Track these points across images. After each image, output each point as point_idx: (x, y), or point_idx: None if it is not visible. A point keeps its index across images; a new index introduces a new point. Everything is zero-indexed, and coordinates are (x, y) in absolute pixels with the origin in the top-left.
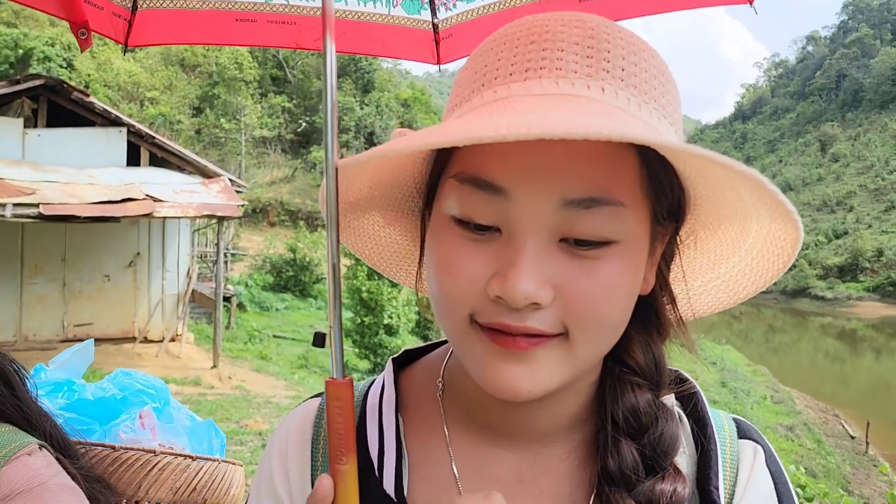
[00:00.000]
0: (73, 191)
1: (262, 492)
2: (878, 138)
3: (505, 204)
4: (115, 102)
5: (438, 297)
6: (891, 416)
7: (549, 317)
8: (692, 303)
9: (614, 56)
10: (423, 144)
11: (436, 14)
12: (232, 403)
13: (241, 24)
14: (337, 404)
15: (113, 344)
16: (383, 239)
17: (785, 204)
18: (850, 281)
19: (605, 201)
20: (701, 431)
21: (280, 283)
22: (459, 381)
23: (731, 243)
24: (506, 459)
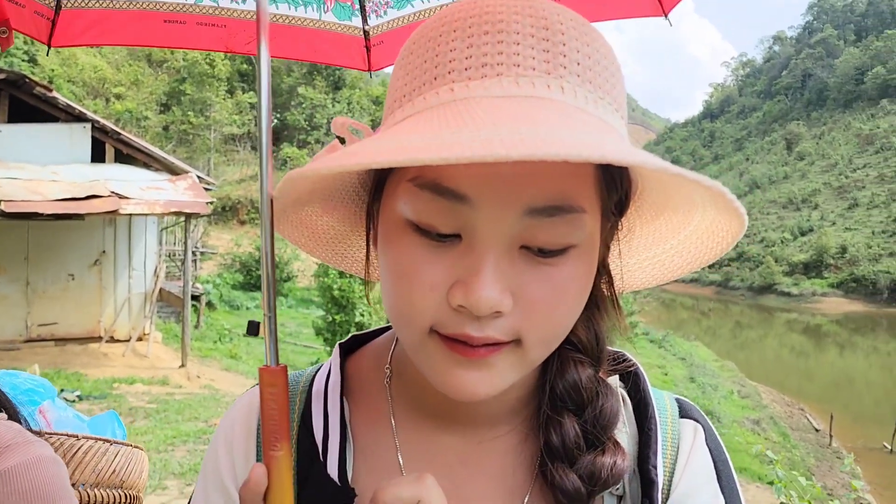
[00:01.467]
0: (36, 188)
1: (208, 480)
2: (842, 137)
3: (467, 211)
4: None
5: (396, 306)
6: (853, 410)
7: (505, 325)
8: (625, 278)
9: (570, 49)
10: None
11: (366, 21)
12: (200, 403)
13: (169, 25)
14: (271, 391)
15: (78, 344)
16: (321, 227)
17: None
18: (814, 277)
19: (568, 209)
20: (642, 411)
21: (250, 282)
22: (407, 368)
23: (673, 229)
24: (451, 443)
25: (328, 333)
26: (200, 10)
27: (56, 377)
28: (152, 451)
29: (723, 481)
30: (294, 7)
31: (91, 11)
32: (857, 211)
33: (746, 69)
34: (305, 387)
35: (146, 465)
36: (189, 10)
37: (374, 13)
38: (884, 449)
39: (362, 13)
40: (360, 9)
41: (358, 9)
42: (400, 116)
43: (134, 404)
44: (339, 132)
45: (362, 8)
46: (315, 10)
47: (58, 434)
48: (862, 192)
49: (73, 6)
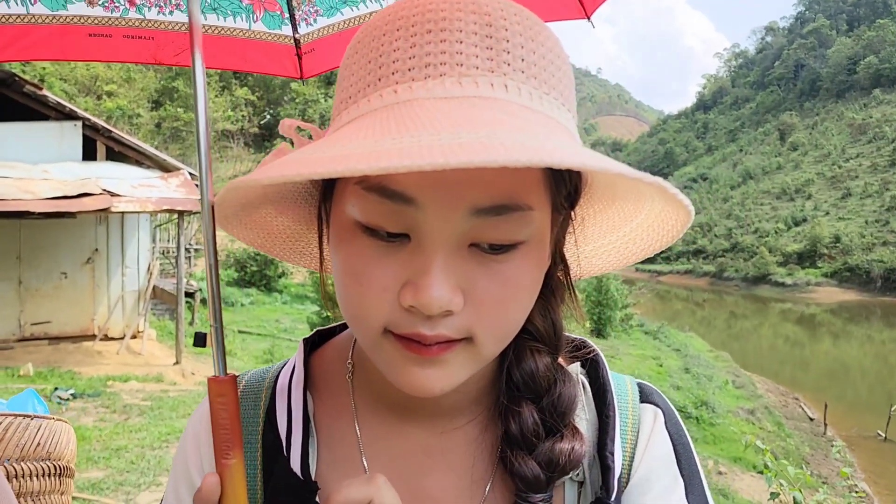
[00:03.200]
0: (27, 186)
1: (178, 475)
2: (835, 127)
3: (414, 213)
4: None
5: (350, 308)
6: (847, 399)
7: (457, 323)
8: (581, 265)
9: (513, 45)
10: (325, 172)
11: (297, 29)
12: (195, 399)
13: (95, 39)
14: (220, 400)
15: (72, 342)
16: (275, 227)
17: (683, 200)
18: (808, 267)
19: (515, 207)
20: (600, 398)
21: (244, 279)
22: (368, 361)
23: (624, 217)
24: (413, 435)
25: None
26: (126, 23)
27: (50, 376)
28: (147, 448)
29: (682, 464)
30: (223, 17)
31: (11, 27)
32: (851, 200)
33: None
34: (271, 383)
35: (72, 436)
36: (115, 24)
37: (304, 21)
38: (878, 437)
39: (292, 22)
40: (290, 17)
41: (287, 17)
42: (346, 119)
43: (128, 401)
44: (287, 134)
45: (292, 17)
46: (244, 20)
47: None
48: (855, 181)
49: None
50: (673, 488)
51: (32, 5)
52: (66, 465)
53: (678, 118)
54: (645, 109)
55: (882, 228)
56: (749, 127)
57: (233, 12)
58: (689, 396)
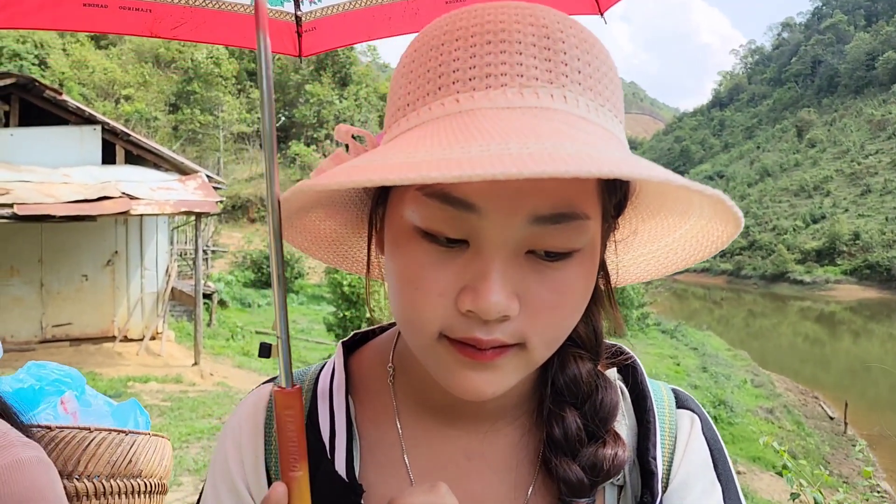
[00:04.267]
0: (48, 190)
1: (217, 479)
2: (854, 123)
3: (475, 219)
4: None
5: (406, 313)
6: (868, 397)
7: (512, 328)
8: (620, 273)
9: (570, 58)
10: (397, 178)
11: (299, 7)
12: (214, 400)
13: (89, 9)
14: (288, 413)
15: (93, 344)
16: (323, 231)
17: (738, 214)
18: (827, 265)
19: (573, 216)
20: (640, 404)
21: (261, 279)
22: (409, 365)
23: (668, 228)
24: (455, 438)
25: (339, 329)
26: None
27: None
28: None
29: (719, 469)
30: None
31: None
32: (870, 197)
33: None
34: (310, 386)
35: (168, 451)
36: None
37: None
38: None
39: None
40: None
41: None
42: (405, 126)
43: (148, 402)
44: (343, 139)
45: None
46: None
47: (69, 427)
48: (874, 178)
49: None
50: (710, 493)
51: None
52: (158, 482)
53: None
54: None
55: None
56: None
57: None
58: (708, 395)
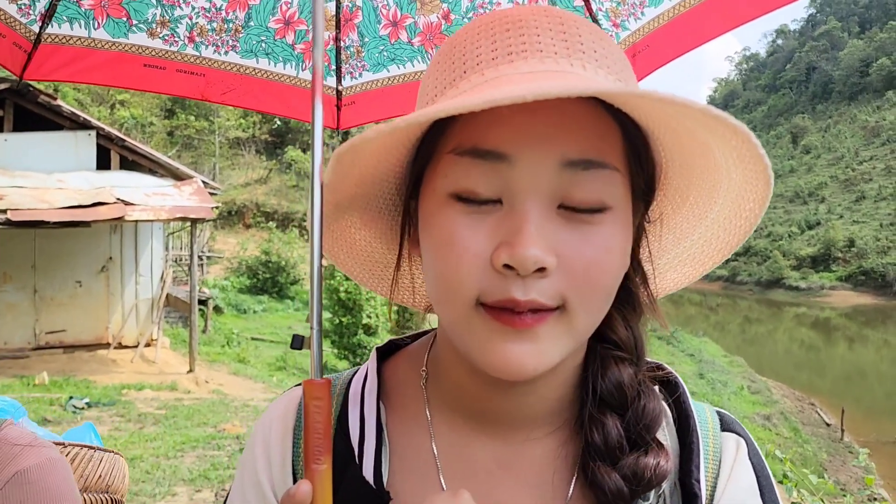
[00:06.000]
0: (43, 196)
1: (245, 479)
2: (848, 129)
3: (506, 171)
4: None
5: (441, 280)
6: (865, 403)
7: (549, 288)
8: (658, 281)
9: (586, 42)
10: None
11: (341, 81)
12: (209, 408)
13: (148, 70)
14: (316, 403)
15: (87, 350)
16: (358, 242)
17: (756, 145)
18: (822, 271)
19: (602, 164)
20: (683, 424)
21: (257, 285)
22: (443, 369)
23: (697, 215)
24: (488, 446)
25: (335, 336)
26: (182, 58)
27: (65, 384)
28: (161, 458)
29: (766, 497)
30: (274, 63)
31: (71, 49)
32: (865, 203)
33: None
34: (342, 390)
35: (126, 470)
36: (170, 57)
37: (350, 74)
38: None
39: (338, 74)
40: (336, 69)
41: (334, 69)
42: None
43: (143, 410)
44: None
45: (338, 69)
46: (293, 68)
47: None
48: (869, 184)
49: (53, 42)
50: None
51: (95, 30)
52: (119, 500)
53: None
54: None
55: None
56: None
57: (284, 59)
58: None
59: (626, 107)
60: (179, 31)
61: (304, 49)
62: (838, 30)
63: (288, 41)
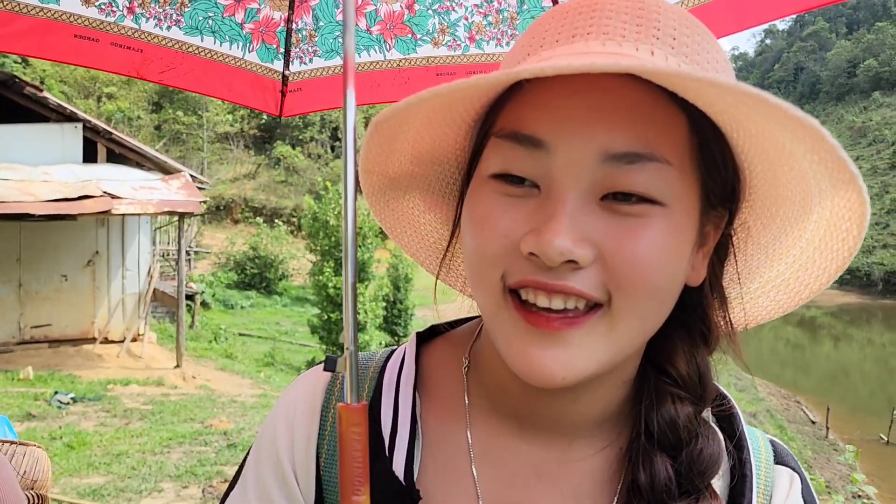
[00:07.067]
0: (28, 188)
1: (262, 456)
2: (835, 129)
3: (545, 158)
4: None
5: (471, 259)
6: (849, 402)
7: (589, 279)
8: (747, 308)
9: (665, 25)
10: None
11: (288, 66)
12: (196, 403)
13: (79, 41)
14: (356, 430)
15: (72, 345)
16: (423, 226)
17: (834, 147)
18: None
19: (650, 157)
20: (737, 453)
21: (244, 281)
22: (487, 360)
23: (790, 234)
24: (528, 452)
25: (323, 332)
26: (118, 31)
27: (50, 379)
28: (148, 454)
29: None
30: (220, 42)
31: None
32: None
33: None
34: (375, 374)
35: (48, 463)
36: (105, 28)
37: (299, 59)
38: (880, 440)
39: (286, 58)
40: (285, 53)
41: (282, 52)
42: None
43: (129, 406)
44: None
45: (287, 52)
46: (240, 49)
47: None
48: None
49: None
50: None
51: None
52: (44, 495)
53: None
54: None
55: (882, 231)
56: None
57: (231, 38)
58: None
59: (691, 96)
60: None
61: (253, 29)
62: (826, 30)
63: (237, 19)
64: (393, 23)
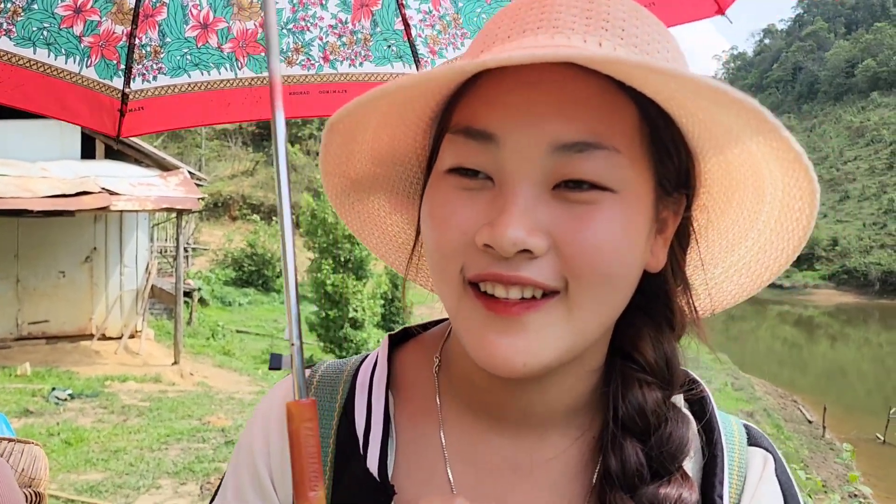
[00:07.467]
0: (26, 184)
1: (240, 462)
2: (833, 130)
3: (496, 152)
4: None
5: (431, 255)
6: (846, 401)
7: (545, 268)
8: (713, 294)
9: (614, 17)
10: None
11: (129, 83)
12: (194, 400)
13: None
14: (309, 426)
15: (70, 342)
16: (390, 227)
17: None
18: (806, 269)
19: (598, 145)
20: (707, 436)
21: (242, 278)
22: (457, 359)
23: (747, 217)
24: (501, 446)
25: (321, 329)
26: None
27: (48, 375)
28: (146, 450)
29: None
30: (55, 56)
31: None
32: (848, 203)
33: (737, 62)
34: (349, 377)
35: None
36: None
37: (141, 76)
38: (876, 440)
39: (126, 74)
40: (126, 70)
41: (122, 69)
42: None
43: (127, 402)
44: None
45: (128, 69)
46: (76, 63)
47: None
48: (853, 184)
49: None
50: None
51: None
52: (42, 493)
53: None
54: None
55: (880, 231)
56: None
57: (67, 52)
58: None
59: (637, 84)
60: None
61: (92, 43)
62: (825, 30)
63: (75, 32)
64: (246, 41)
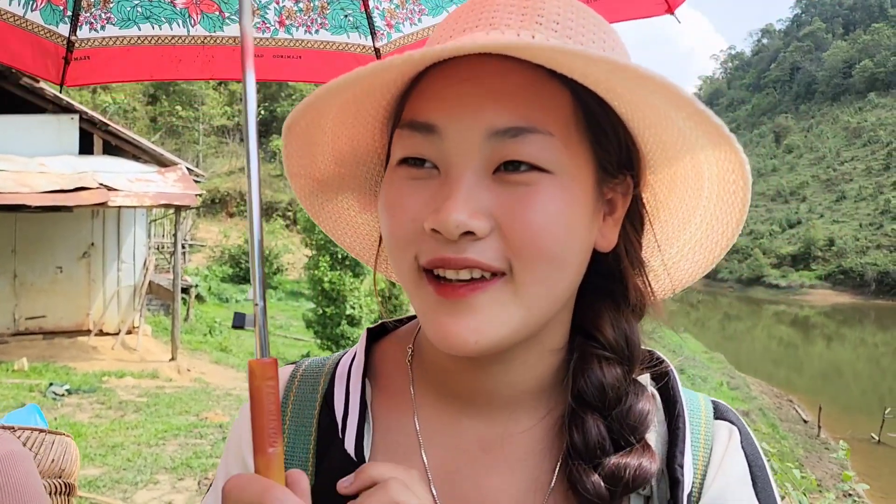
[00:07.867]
0: (24, 180)
1: (230, 456)
2: (830, 130)
3: (439, 142)
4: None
5: (388, 244)
6: (841, 401)
7: (488, 249)
8: (671, 273)
9: (548, 12)
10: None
11: (75, 31)
12: (191, 396)
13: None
14: (270, 384)
15: (67, 337)
16: (361, 226)
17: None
18: (802, 269)
19: (532, 129)
20: (670, 410)
21: (239, 274)
22: (427, 347)
23: (691, 194)
24: (471, 428)
25: (318, 326)
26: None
27: (45, 371)
28: (143, 446)
29: (758, 487)
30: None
31: None
32: (845, 203)
33: (735, 62)
34: (330, 369)
35: (77, 453)
36: None
37: (89, 25)
38: (871, 440)
39: (73, 21)
40: (72, 16)
41: (69, 15)
42: None
43: (124, 398)
44: None
45: (75, 16)
46: (21, 6)
47: None
48: (850, 184)
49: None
50: None
51: None
52: (72, 483)
53: None
54: None
55: (876, 231)
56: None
57: None
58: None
59: (566, 71)
60: None
61: None
62: (823, 31)
63: None
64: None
